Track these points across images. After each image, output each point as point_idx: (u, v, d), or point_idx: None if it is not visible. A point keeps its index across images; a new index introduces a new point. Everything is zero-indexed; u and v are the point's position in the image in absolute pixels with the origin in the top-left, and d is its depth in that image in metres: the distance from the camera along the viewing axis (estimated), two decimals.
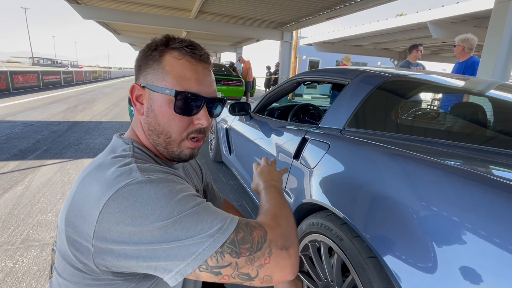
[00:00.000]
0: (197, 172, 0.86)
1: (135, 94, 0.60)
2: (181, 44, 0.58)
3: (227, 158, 2.68)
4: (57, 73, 13.35)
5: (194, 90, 0.57)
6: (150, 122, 0.58)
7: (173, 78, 0.56)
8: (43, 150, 3.37)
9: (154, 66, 0.57)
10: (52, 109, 6.30)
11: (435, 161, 0.73)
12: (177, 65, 0.56)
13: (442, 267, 0.59)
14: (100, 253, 0.47)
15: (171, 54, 0.57)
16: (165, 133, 0.58)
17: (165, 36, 0.60)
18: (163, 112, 0.57)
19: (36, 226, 1.80)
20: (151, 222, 0.44)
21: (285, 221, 0.55)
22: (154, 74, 0.57)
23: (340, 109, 1.27)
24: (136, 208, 0.45)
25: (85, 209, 0.48)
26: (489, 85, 1.46)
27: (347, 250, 0.83)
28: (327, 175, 1.02)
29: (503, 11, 3.26)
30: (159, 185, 0.48)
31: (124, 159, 0.53)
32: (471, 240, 0.56)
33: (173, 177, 0.52)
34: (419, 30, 8.47)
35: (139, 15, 8.37)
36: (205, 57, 0.60)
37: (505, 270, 0.51)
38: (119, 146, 0.59)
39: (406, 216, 0.69)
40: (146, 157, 0.58)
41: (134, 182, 0.47)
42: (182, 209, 0.46)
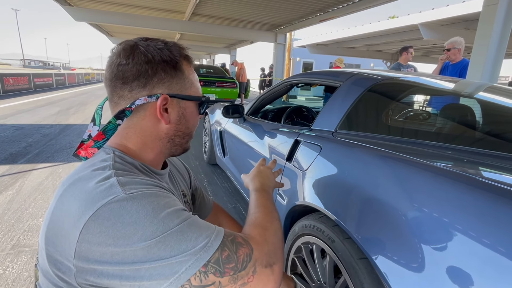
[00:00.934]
0: (185, 177, 0.85)
1: (161, 105, 0.57)
2: (185, 51, 0.62)
3: (221, 161, 2.68)
4: (49, 75, 13.19)
5: (201, 94, 0.65)
6: (180, 129, 0.62)
7: (196, 86, 0.63)
8: (34, 153, 3.32)
9: (179, 75, 0.59)
10: (44, 112, 6.22)
11: (424, 163, 0.75)
12: (192, 73, 0.63)
13: (431, 268, 0.60)
14: (82, 272, 0.46)
15: (183, 62, 0.60)
16: (190, 134, 0.65)
17: (174, 43, 0.60)
18: (194, 117, 0.63)
19: (27, 231, 1.77)
20: (134, 242, 0.43)
21: (272, 236, 0.55)
22: (182, 84, 0.60)
23: (332, 112, 1.28)
24: (118, 228, 0.44)
25: (64, 228, 0.46)
26: (478, 87, 1.49)
27: (338, 252, 0.83)
28: (319, 177, 1.02)
29: (491, 14, 3.33)
30: (141, 202, 0.46)
31: (104, 171, 0.50)
32: (459, 241, 0.57)
33: (157, 190, 0.51)
34: (410, 32, 8.60)
35: (132, 17, 8.33)
36: (194, 65, 0.66)
37: (493, 271, 0.52)
38: (99, 156, 0.56)
39: (396, 218, 0.70)
40: (128, 167, 0.55)
41: (114, 200, 0.45)
42: (165, 228, 0.45)
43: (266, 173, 0.79)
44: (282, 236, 0.59)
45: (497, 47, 3.38)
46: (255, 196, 0.69)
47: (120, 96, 0.56)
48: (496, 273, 0.51)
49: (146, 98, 0.55)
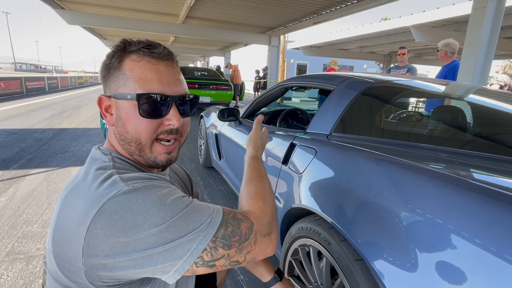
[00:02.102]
0: (186, 183, 0.86)
1: (103, 106, 0.58)
2: (139, 46, 0.55)
3: (217, 164, 2.69)
4: (41, 79, 13.04)
5: (158, 90, 0.54)
6: (120, 132, 0.57)
7: (135, 82, 0.54)
8: (28, 159, 3.29)
9: (115, 74, 0.55)
10: (37, 116, 6.15)
11: (417, 165, 0.77)
12: (136, 67, 0.54)
13: (425, 268, 0.62)
14: (93, 270, 0.47)
15: (129, 57, 0.55)
16: (135, 140, 0.55)
17: (121, 40, 0.57)
18: (130, 119, 0.54)
19: (21, 238, 1.75)
20: (145, 230, 0.45)
21: (269, 208, 0.61)
22: (117, 82, 0.55)
23: (327, 115, 1.30)
24: (127, 219, 0.45)
25: (70, 228, 0.47)
26: (469, 90, 1.52)
27: (335, 254, 0.85)
28: (315, 180, 1.04)
29: (480, 16, 3.40)
30: (145, 192, 0.48)
31: (105, 171, 0.52)
32: (452, 242, 0.59)
33: (158, 182, 0.53)
34: (402, 34, 8.71)
35: (125, 20, 8.29)
36: (166, 55, 0.57)
37: (485, 270, 0.53)
38: (98, 157, 0.57)
39: (391, 220, 0.71)
40: (127, 166, 0.57)
41: (119, 194, 0.47)
42: (173, 213, 0.48)
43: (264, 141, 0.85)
44: (275, 203, 0.65)
45: (486, 48, 3.46)
46: (250, 162, 0.73)
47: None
48: (488, 272, 0.53)
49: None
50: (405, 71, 4.10)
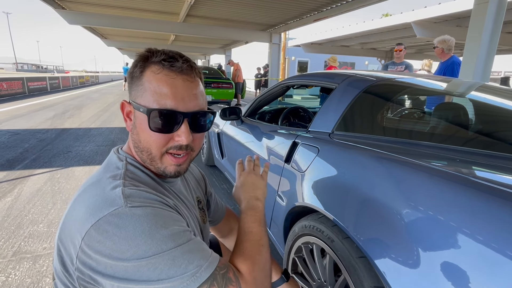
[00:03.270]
0: (201, 184, 0.86)
1: (125, 111, 0.60)
2: (160, 57, 0.55)
3: (220, 162, 2.70)
4: (43, 79, 13.09)
5: (170, 106, 0.54)
6: (135, 139, 0.58)
7: (151, 95, 0.54)
8: (32, 159, 3.31)
9: (137, 83, 0.56)
10: (39, 117, 6.19)
11: (419, 163, 0.77)
12: (154, 80, 0.54)
13: (427, 265, 0.63)
14: (82, 276, 0.49)
15: (150, 69, 0.55)
16: (146, 150, 0.57)
17: (147, 49, 0.58)
18: (142, 129, 0.56)
19: (27, 237, 1.78)
20: (126, 259, 0.45)
21: (261, 273, 0.57)
22: (136, 91, 0.56)
23: (329, 113, 1.31)
24: (115, 241, 0.45)
25: (72, 231, 0.49)
26: (471, 87, 1.52)
27: (338, 251, 0.86)
28: (318, 178, 1.05)
29: (482, 11, 3.38)
30: (140, 219, 0.47)
31: (114, 181, 0.53)
32: (454, 239, 0.60)
33: (159, 207, 0.51)
34: (404, 30, 8.67)
35: (126, 19, 8.30)
36: (186, 69, 0.56)
37: (487, 267, 0.54)
38: (113, 163, 0.59)
39: (393, 217, 0.72)
40: (139, 175, 0.58)
41: (115, 213, 0.47)
42: (158, 249, 0.46)
43: (250, 183, 0.75)
44: (270, 267, 0.61)
45: (488, 43, 3.43)
46: (244, 216, 0.68)
47: None
48: (490, 269, 0.54)
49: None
50: (403, 68, 4.08)
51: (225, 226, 0.96)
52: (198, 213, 0.76)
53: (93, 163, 3.27)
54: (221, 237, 0.98)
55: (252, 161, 0.82)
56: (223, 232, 0.96)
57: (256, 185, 0.75)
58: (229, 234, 0.96)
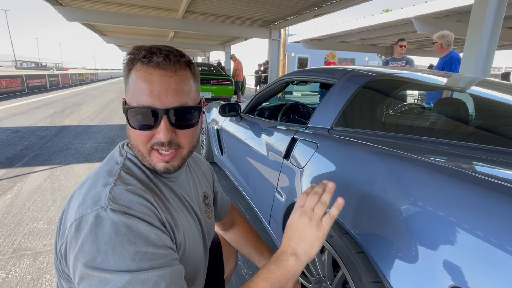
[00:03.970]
0: (208, 178, 0.85)
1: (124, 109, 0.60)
2: (141, 54, 0.54)
3: (219, 159, 2.70)
4: (42, 77, 13.05)
5: (147, 103, 0.52)
6: (128, 136, 0.60)
7: (132, 93, 0.54)
8: (31, 156, 3.31)
9: (126, 81, 0.57)
10: (39, 114, 6.18)
11: (418, 159, 0.77)
12: (135, 78, 0.53)
13: (425, 259, 0.62)
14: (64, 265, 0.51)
15: (135, 67, 0.54)
16: (135, 146, 0.57)
17: (133, 47, 0.57)
18: (128, 127, 0.57)
19: (27, 234, 1.78)
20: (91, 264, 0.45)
21: None
22: (126, 89, 0.57)
23: (328, 109, 1.30)
24: (84, 241, 0.46)
25: (64, 224, 0.52)
26: (471, 82, 1.51)
27: (336, 247, 0.86)
28: (316, 174, 1.05)
29: (483, 6, 3.35)
30: (117, 226, 0.46)
31: (109, 177, 0.54)
32: (453, 234, 0.59)
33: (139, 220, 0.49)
34: (404, 26, 8.61)
35: (125, 16, 8.25)
36: (163, 63, 0.53)
37: (485, 262, 0.54)
38: (114, 157, 0.61)
39: (391, 213, 0.72)
40: (135, 171, 0.58)
41: (95, 214, 0.47)
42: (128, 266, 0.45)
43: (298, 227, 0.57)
44: None
45: (489, 39, 3.41)
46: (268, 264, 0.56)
47: None
48: (488, 264, 0.53)
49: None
50: (404, 63, 4.06)
51: (228, 220, 0.96)
52: (203, 209, 0.75)
53: (93, 160, 3.27)
54: (223, 230, 0.98)
55: (318, 194, 0.60)
56: (225, 226, 0.97)
57: (304, 234, 0.57)
58: (231, 228, 0.97)
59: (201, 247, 0.72)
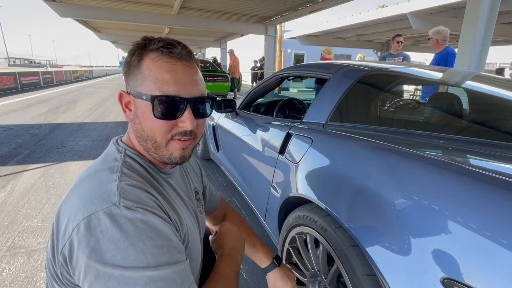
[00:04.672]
0: (197, 173, 0.86)
1: (124, 101, 0.59)
2: (158, 44, 0.55)
3: (215, 155, 2.69)
4: (36, 74, 12.89)
5: (173, 93, 0.54)
6: (137, 129, 0.58)
7: (152, 82, 0.54)
8: (25, 154, 3.28)
9: (135, 72, 0.56)
10: (33, 112, 6.11)
11: (412, 152, 0.77)
12: (154, 67, 0.54)
13: (419, 253, 0.63)
14: (64, 268, 0.49)
15: (149, 56, 0.55)
16: (150, 138, 0.56)
17: (143, 38, 0.57)
18: (145, 118, 0.55)
19: (21, 232, 1.77)
20: (105, 261, 0.43)
21: None
22: (135, 80, 0.56)
23: (323, 104, 1.30)
24: (99, 239, 0.44)
25: (64, 222, 0.49)
26: (465, 76, 1.52)
27: (331, 240, 0.86)
28: (311, 169, 1.05)
29: (477, 1, 3.36)
30: (132, 223, 0.45)
31: (112, 173, 0.52)
32: (446, 227, 0.60)
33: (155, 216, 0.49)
34: (400, 22, 8.63)
35: (119, 12, 8.16)
36: (185, 55, 0.56)
37: (477, 254, 0.54)
38: (112, 154, 0.58)
39: (385, 206, 0.72)
40: (137, 168, 0.57)
41: (108, 211, 0.46)
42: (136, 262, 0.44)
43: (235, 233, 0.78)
44: None
45: (483, 34, 3.42)
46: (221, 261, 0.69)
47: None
48: (481, 256, 0.54)
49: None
50: (401, 59, 4.06)
51: (219, 214, 0.96)
52: (196, 205, 0.76)
53: (88, 157, 3.24)
54: (214, 225, 0.98)
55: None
56: (216, 220, 0.97)
57: (240, 239, 0.78)
58: (221, 221, 0.97)
59: (199, 242, 0.72)
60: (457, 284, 0.55)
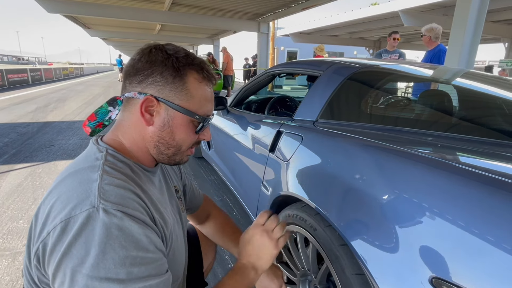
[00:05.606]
0: (176, 172, 0.86)
1: (145, 105, 0.57)
2: (200, 66, 0.60)
3: (207, 154, 2.66)
4: (24, 71, 12.61)
5: (210, 112, 0.63)
6: (164, 136, 0.59)
7: (198, 102, 0.60)
8: (11, 154, 3.20)
9: (176, 83, 0.57)
10: (20, 110, 5.97)
11: (402, 150, 0.76)
12: (200, 89, 0.60)
13: (407, 252, 0.62)
14: (37, 269, 0.48)
15: (192, 74, 0.59)
16: (177, 147, 0.61)
17: (182, 50, 0.60)
18: (182, 130, 0.60)
19: (6, 234, 1.72)
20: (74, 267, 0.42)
21: None
22: (177, 92, 0.57)
23: (313, 102, 1.29)
24: (71, 243, 0.43)
25: (42, 222, 0.47)
26: (455, 74, 1.52)
27: (320, 239, 0.85)
28: (301, 167, 1.03)
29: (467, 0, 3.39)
30: (106, 229, 0.44)
31: (93, 173, 0.50)
32: (435, 226, 0.59)
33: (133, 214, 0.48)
34: (392, 19, 8.68)
35: (108, 8, 8.01)
36: (212, 79, 0.64)
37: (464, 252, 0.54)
38: (92, 153, 0.56)
39: (373, 205, 0.71)
40: (119, 167, 0.55)
41: (85, 215, 0.44)
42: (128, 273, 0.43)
43: (258, 243, 0.69)
44: None
45: (473, 32, 3.46)
46: (233, 273, 0.65)
47: (124, 87, 0.60)
48: (468, 255, 0.53)
49: (135, 93, 0.57)
50: (397, 56, 4.05)
51: (202, 213, 0.95)
52: (177, 202, 0.76)
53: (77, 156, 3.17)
54: (198, 223, 0.97)
55: (276, 222, 0.73)
56: (200, 219, 0.95)
57: (263, 251, 0.69)
58: (206, 221, 0.95)
59: (182, 239, 0.72)
60: (445, 283, 0.54)
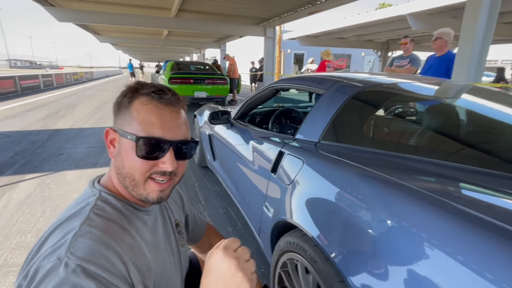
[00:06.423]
0: (178, 203, 0.85)
1: (109, 138, 0.61)
2: (150, 89, 0.59)
3: (212, 164, 2.67)
4: (36, 77, 12.89)
5: (158, 135, 0.57)
6: (118, 166, 0.59)
7: (138, 124, 0.57)
8: (22, 163, 3.27)
9: (124, 112, 0.59)
10: (32, 117, 6.10)
11: (404, 185, 0.74)
12: (143, 110, 0.57)
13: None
14: None
15: (139, 99, 0.58)
16: (129, 176, 0.58)
17: (136, 82, 0.62)
18: (128, 156, 0.57)
19: (14, 249, 1.75)
20: None
21: None
22: (123, 119, 0.59)
23: (316, 121, 1.27)
24: None
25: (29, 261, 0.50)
26: (462, 89, 1.48)
27: (320, 272, 0.84)
28: (301, 194, 1.02)
29: (477, 1, 3.31)
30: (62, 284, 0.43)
31: (75, 221, 0.52)
32: (436, 267, 0.58)
33: (93, 282, 0.45)
34: (399, 22, 8.58)
35: (117, 16, 8.14)
36: (174, 101, 0.60)
37: None
38: (86, 198, 0.59)
39: (373, 242, 0.70)
40: (108, 211, 0.56)
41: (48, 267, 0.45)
42: None
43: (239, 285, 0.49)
44: None
45: (484, 35, 3.35)
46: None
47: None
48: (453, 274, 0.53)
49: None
50: (407, 62, 3.97)
51: (205, 242, 0.95)
52: (177, 238, 0.75)
53: (85, 166, 3.23)
54: (201, 252, 0.97)
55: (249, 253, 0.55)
56: (203, 248, 0.95)
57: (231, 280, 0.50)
58: (208, 249, 0.95)
59: (178, 279, 0.71)
60: None
